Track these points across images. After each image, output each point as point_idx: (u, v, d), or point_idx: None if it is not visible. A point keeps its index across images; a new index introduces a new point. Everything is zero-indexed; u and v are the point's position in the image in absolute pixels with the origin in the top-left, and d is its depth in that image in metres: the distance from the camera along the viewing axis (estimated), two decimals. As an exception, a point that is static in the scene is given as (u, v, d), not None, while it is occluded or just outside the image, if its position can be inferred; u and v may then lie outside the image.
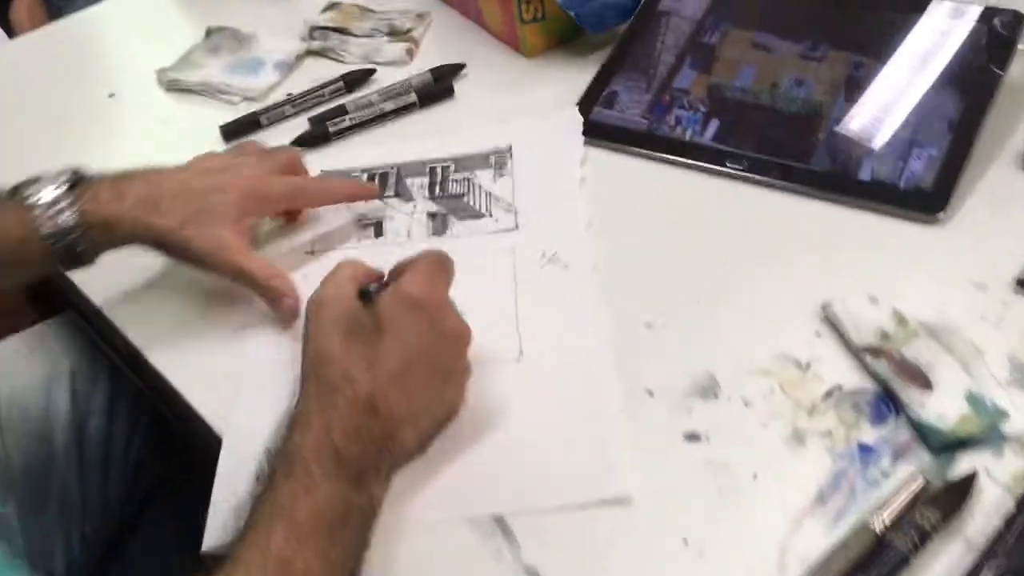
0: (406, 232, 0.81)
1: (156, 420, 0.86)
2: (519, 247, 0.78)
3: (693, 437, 0.63)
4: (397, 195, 0.85)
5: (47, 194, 0.67)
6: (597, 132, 0.88)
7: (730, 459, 0.61)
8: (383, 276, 0.65)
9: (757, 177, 0.81)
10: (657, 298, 0.72)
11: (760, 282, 0.73)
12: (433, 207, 0.83)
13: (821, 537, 0.56)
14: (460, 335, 0.61)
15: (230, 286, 0.74)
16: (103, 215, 0.68)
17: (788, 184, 0.80)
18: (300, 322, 0.65)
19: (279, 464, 0.54)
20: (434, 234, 0.81)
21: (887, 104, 0.82)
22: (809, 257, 0.74)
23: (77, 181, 0.69)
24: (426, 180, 0.86)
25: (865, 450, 0.60)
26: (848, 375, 0.65)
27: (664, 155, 0.84)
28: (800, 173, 0.80)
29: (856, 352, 0.66)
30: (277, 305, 0.72)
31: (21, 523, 0.74)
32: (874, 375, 0.64)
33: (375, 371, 0.57)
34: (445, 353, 0.60)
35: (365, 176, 0.87)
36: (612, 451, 0.62)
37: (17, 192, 0.68)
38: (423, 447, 0.61)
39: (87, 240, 0.68)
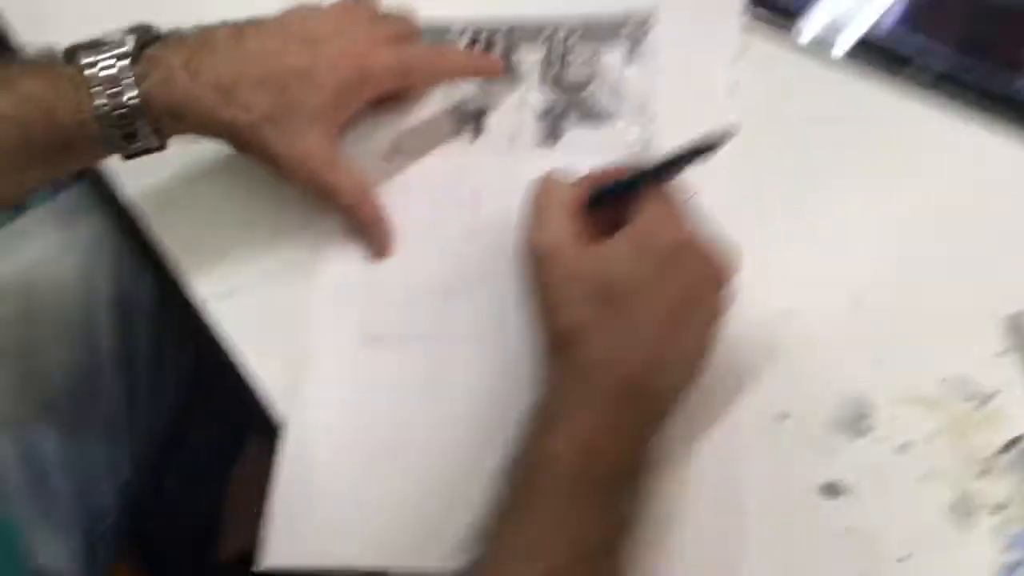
0: (508, 135, 0.66)
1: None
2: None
3: (832, 491, 0.52)
4: (505, 72, 0.68)
5: (108, 65, 0.54)
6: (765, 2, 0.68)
7: (876, 530, 0.50)
8: (595, 179, 0.54)
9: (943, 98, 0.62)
10: (799, 280, 0.57)
11: (938, 266, 0.57)
12: (548, 97, 0.67)
13: (978, 658, 0.47)
14: (721, 273, 0.50)
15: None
16: (171, 101, 0.55)
17: (985, 114, 0.61)
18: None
19: (520, 481, 0.46)
20: (542, 144, 0.65)
21: None
22: (1008, 232, 0.58)
23: (145, 46, 0.55)
24: (541, 52, 0.68)
25: (1048, 537, 0.49)
26: (1037, 422, 0.52)
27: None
28: (1000, 98, 0.61)
29: (1053, 392, 0.52)
30: (367, 235, 0.60)
31: (61, 457, 0.67)
32: (1074, 429, 0.51)
33: (636, 345, 0.47)
34: (703, 299, 0.50)
35: (466, 37, 0.70)
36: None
37: (74, 57, 0.55)
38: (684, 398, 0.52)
39: (151, 128, 0.56)
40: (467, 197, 0.63)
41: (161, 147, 0.58)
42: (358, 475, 0.54)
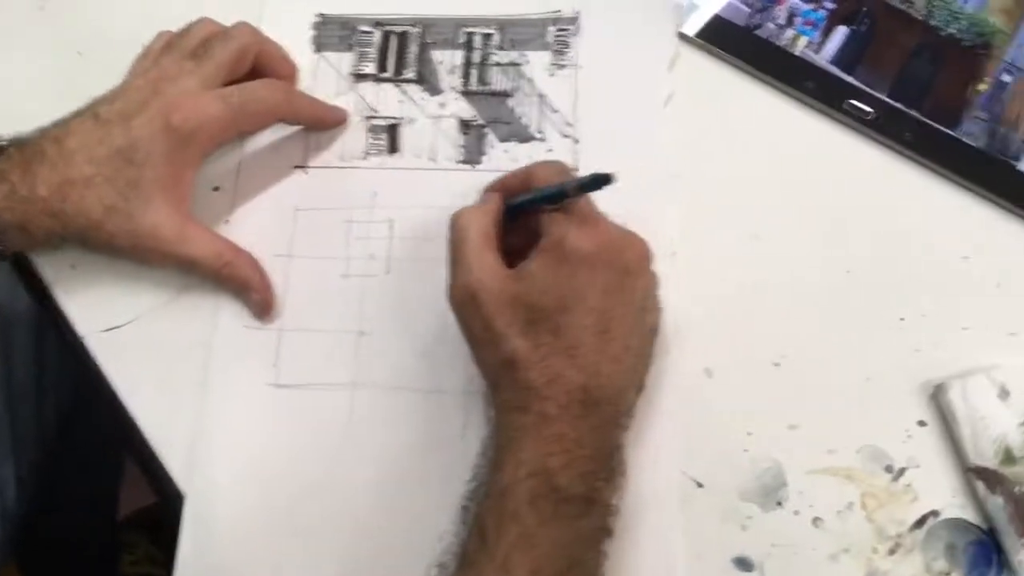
0: (428, 150, 0.61)
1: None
2: None
3: (745, 565, 0.51)
4: (420, 80, 0.63)
5: None
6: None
7: (786, 608, 0.50)
8: (501, 192, 0.53)
9: (880, 138, 0.60)
10: (728, 330, 0.56)
11: (862, 330, 0.56)
12: (467, 109, 0.62)
13: None
14: (640, 256, 0.50)
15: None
16: (14, 219, 0.52)
17: (923, 159, 0.59)
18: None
19: (488, 513, 0.45)
20: (465, 160, 0.61)
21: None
22: (937, 292, 0.57)
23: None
24: (460, 57, 0.64)
25: (952, 620, 0.49)
26: (949, 498, 0.52)
27: (760, 72, 0.62)
28: (941, 143, 0.59)
29: (966, 470, 0.52)
30: (244, 298, 0.56)
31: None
32: (983, 510, 0.51)
33: (578, 356, 0.46)
34: (636, 286, 0.49)
35: (377, 33, 0.65)
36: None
37: None
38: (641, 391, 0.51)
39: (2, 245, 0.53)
40: (381, 221, 0.59)
41: (3, 258, 0.55)
42: (259, 547, 0.51)
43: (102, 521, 0.92)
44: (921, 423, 0.53)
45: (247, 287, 0.56)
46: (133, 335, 0.56)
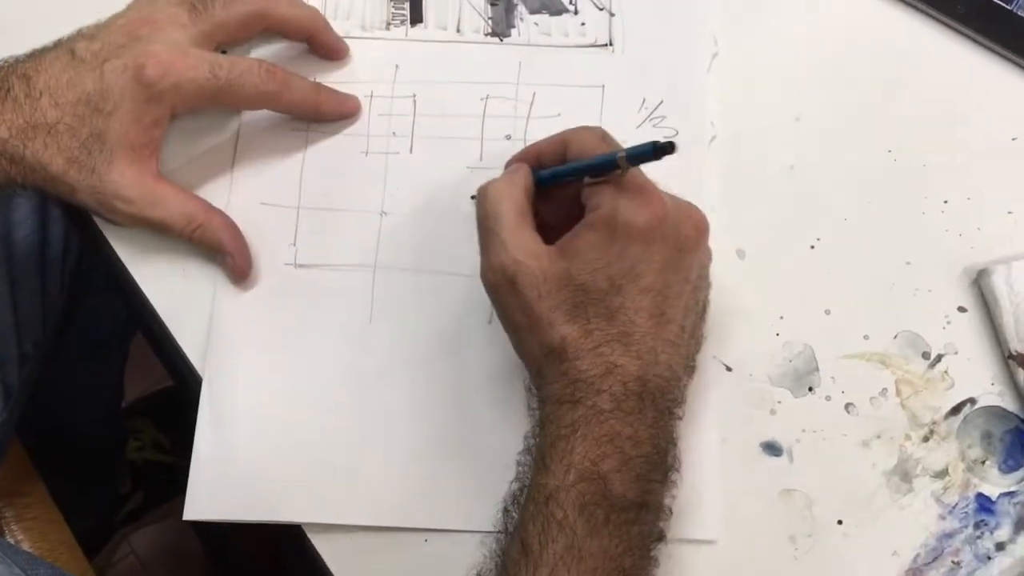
0: (453, 22, 0.58)
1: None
2: (610, 83, 0.56)
3: (773, 449, 0.50)
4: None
5: None
6: None
7: (813, 492, 0.49)
8: (532, 162, 0.48)
9: (931, 11, 0.57)
10: (763, 212, 0.54)
11: (903, 213, 0.54)
12: (498, -24, 0.59)
13: (905, 628, 0.47)
14: (698, 229, 0.46)
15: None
16: None
17: (975, 34, 0.56)
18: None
19: (532, 520, 0.42)
20: (492, 33, 0.58)
21: None
22: (983, 174, 0.54)
23: None
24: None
25: (985, 508, 0.48)
26: (987, 386, 0.50)
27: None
28: (996, 17, 0.56)
29: (1007, 357, 0.50)
30: (217, 261, 0.53)
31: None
32: (1022, 398, 0.50)
33: (634, 343, 0.43)
34: (692, 263, 0.45)
35: None
36: (708, 482, 0.49)
37: None
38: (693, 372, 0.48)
39: None
40: (403, 97, 0.56)
41: None
42: (275, 431, 0.51)
43: (107, 406, 0.92)
44: (961, 309, 0.51)
45: (220, 250, 0.52)
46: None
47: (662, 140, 0.42)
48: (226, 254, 0.52)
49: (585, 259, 0.43)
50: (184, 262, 0.54)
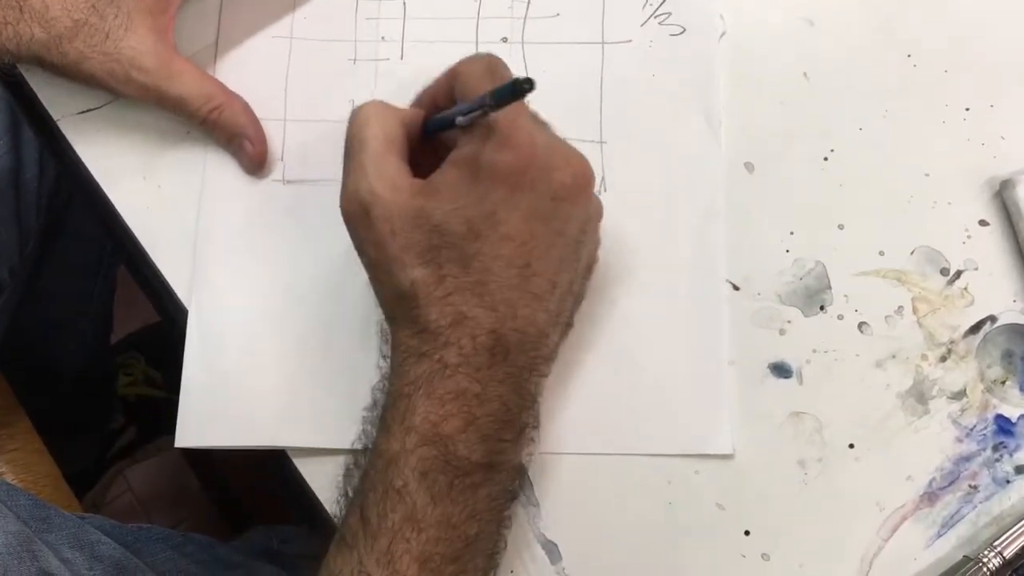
0: None
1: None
2: None
3: (782, 371, 0.47)
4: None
5: None
6: None
7: (824, 415, 0.47)
8: (432, 102, 0.45)
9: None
10: (773, 121, 0.51)
11: (921, 111, 0.51)
12: None
13: (920, 551, 0.45)
14: (578, 178, 0.41)
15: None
16: None
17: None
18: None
19: (372, 488, 0.40)
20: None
21: None
22: (1008, 80, 0.51)
23: None
24: None
25: (1004, 430, 0.46)
26: (1009, 303, 0.48)
27: None
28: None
29: (1031, 272, 0.47)
30: (235, 149, 0.50)
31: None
32: (1047, 315, 0.47)
33: (488, 293, 0.40)
34: (571, 214, 0.42)
35: None
36: (720, 395, 0.47)
37: None
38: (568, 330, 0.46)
39: None
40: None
41: None
42: (264, 355, 0.49)
43: (95, 339, 0.90)
44: (983, 223, 0.49)
45: (240, 135, 0.49)
46: (109, 118, 0.51)
47: (521, 77, 0.38)
48: (245, 139, 0.49)
49: (443, 198, 0.40)
50: (158, 177, 0.51)
